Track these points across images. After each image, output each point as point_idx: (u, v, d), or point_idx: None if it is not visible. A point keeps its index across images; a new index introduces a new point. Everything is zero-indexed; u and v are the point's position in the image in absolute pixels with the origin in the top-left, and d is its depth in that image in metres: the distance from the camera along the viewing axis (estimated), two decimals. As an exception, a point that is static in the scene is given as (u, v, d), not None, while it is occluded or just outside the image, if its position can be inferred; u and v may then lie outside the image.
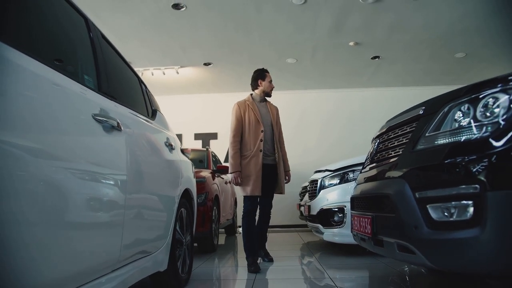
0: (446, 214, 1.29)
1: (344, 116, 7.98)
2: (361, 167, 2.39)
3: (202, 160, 5.08)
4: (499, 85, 1.34)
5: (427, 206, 1.34)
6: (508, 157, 1.20)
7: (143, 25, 5.08)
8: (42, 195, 0.95)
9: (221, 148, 7.70)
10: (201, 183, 3.93)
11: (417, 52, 6.15)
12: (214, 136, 8.14)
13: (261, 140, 3.23)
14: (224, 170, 4.90)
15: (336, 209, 3.69)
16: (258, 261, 3.20)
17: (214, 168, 5.03)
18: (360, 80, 7.58)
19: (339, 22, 5.06)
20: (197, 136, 8.13)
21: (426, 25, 5.15)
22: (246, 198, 3.24)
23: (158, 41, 5.62)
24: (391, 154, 1.74)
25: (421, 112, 1.60)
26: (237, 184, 3.21)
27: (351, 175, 3.72)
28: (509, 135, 1.20)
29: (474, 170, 1.24)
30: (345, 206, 3.52)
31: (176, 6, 4.60)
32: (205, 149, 5.50)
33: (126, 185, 1.45)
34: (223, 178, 5.19)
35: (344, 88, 8.03)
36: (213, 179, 4.54)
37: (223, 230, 6.13)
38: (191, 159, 3.00)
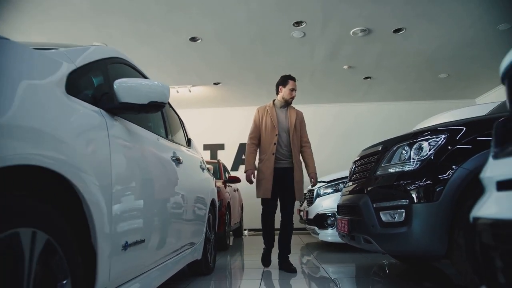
0: (390, 217, 2.04)
1: (340, 129, 8.58)
2: (347, 181, 3.13)
3: (215, 171, 5.82)
4: (427, 135, 2.10)
5: (380, 212, 2.09)
6: (424, 182, 1.94)
7: (163, 54, 5.84)
8: (158, 204, 1.71)
9: (228, 158, 8.39)
10: (217, 192, 4.63)
11: (404, 74, 6.91)
12: (221, 147, 8.79)
13: (274, 144, 3.30)
14: (234, 180, 5.66)
15: (329, 214, 4.45)
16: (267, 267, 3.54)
17: (225, 178, 5.77)
18: (354, 96, 8.28)
19: (333, 51, 5.83)
20: (206, 147, 8.72)
21: (410, 52, 5.90)
22: (262, 200, 3.40)
23: (174, 66, 6.38)
24: (362, 176, 2.49)
25: (380, 148, 2.36)
26: (250, 181, 3.37)
27: (341, 186, 4.45)
28: (425, 170, 1.96)
29: (407, 190, 1.99)
30: (337, 211, 4.23)
31: (193, 39, 5.36)
32: (216, 161, 6.25)
33: (185, 197, 2.21)
34: (231, 187, 5.93)
35: (340, 103, 8.68)
36: (225, 188, 5.27)
37: (231, 232, 6.82)
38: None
